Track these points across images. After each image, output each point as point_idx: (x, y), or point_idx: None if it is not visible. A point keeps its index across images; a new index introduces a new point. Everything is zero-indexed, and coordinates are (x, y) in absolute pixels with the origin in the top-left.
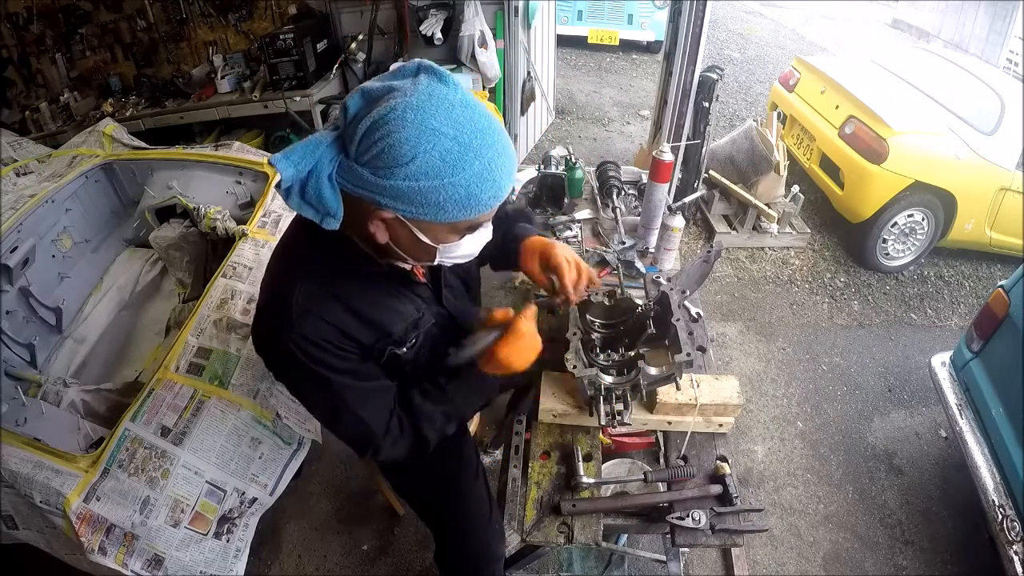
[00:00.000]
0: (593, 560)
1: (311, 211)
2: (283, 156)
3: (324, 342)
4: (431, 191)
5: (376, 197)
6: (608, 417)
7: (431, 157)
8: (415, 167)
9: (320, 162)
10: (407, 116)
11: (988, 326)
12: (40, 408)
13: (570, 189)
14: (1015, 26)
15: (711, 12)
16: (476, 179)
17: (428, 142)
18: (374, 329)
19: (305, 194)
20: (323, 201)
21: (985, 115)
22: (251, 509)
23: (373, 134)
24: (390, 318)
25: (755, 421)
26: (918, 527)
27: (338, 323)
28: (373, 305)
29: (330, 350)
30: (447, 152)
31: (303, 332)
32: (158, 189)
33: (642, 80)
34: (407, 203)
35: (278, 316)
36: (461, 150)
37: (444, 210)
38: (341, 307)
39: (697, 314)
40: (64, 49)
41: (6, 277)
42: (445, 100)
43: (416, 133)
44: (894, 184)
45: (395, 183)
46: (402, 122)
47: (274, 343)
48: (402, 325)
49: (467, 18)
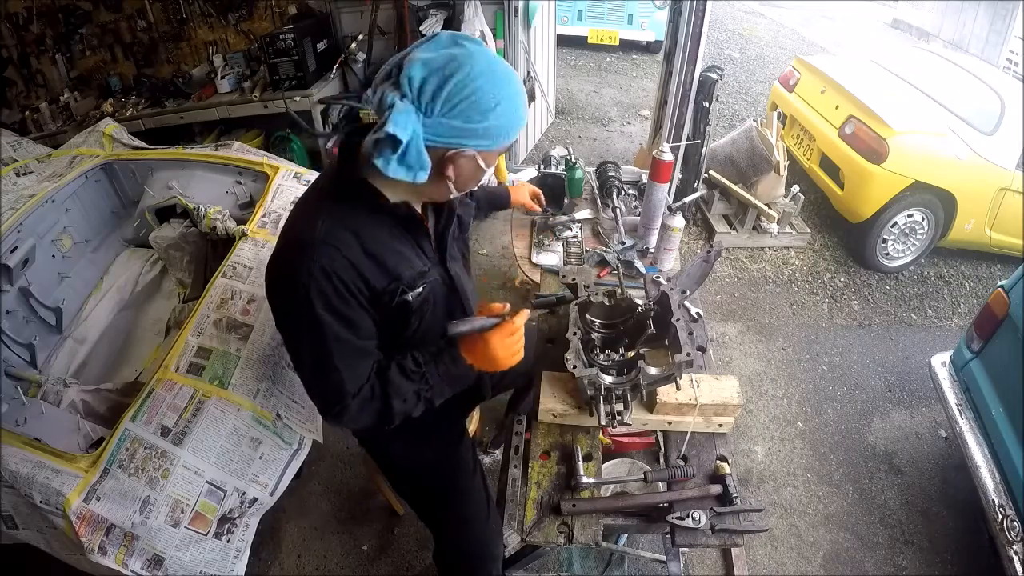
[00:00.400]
0: (593, 560)
1: (404, 171)
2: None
3: (336, 278)
4: (507, 125)
5: (464, 140)
6: (608, 417)
7: (506, 99)
8: (501, 110)
9: (416, 128)
10: (485, 75)
11: (988, 326)
12: (40, 408)
13: (570, 189)
14: (1015, 26)
15: (711, 12)
16: (521, 106)
17: (501, 90)
18: (385, 272)
19: (405, 158)
20: (421, 159)
21: (985, 115)
22: (251, 509)
23: (459, 93)
24: (400, 262)
25: (755, 421)
26: (918, 527)
27: (354, 260)
28: (387, 249)
29: (339, 289)
30: (511, 96)
31: (320, 262)
32: (158, 189)
33: (642, 80)
34: (490, 138)
35: (298, 247)
36: (515, 92)
37: (507, 135)
38: (358, 246)
39: (697, 314)
40: (64, 49)
41: (6, 277)
42: (492, 58)
43: (491, 84)
44: (894, 184)
45: (488, 124)
46: (483, 80)
47: (288, 276)
48: (410, 272)
49: (467, 18)
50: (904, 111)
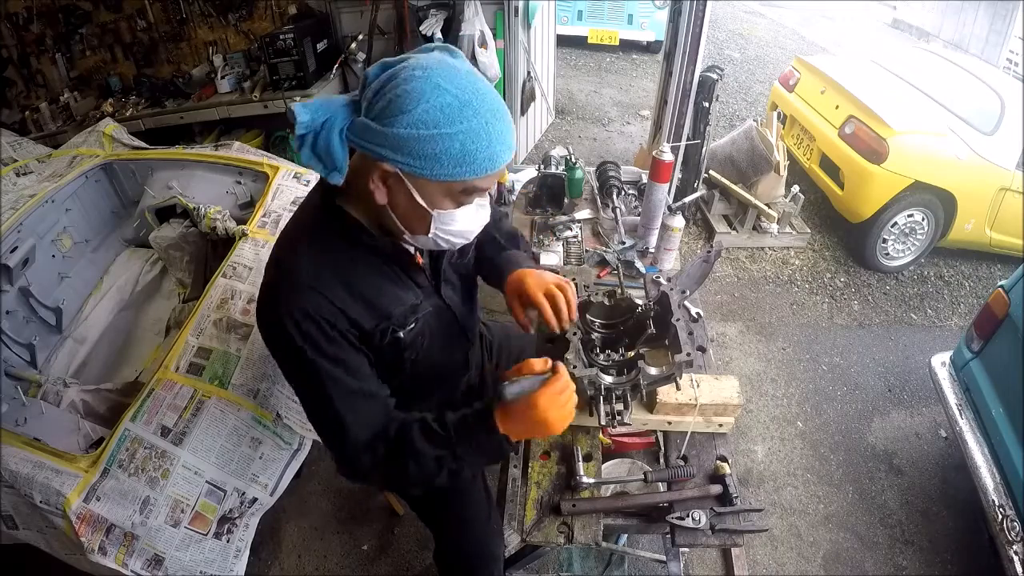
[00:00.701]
0: (593, 560)
1: (319, 165)
2: (302, 104)
3: (322, 320)
4: (428, 140)
5: (379, 149)
6: (608, 417)
7: (431, 107)
8: (416, 115)
9: (335, 116)
10: (416, 73)
11: (988, 326)
12: (40, 408)
13: (570, 189)
14: (1015, 26)
15: (711, 12)
16: (472, 135)
17: (431, 94)
18: (374, 312)
19: (316, 146)
20: (331, 153)
21: (985, 115)
22: (251, 509)
23: (384, 89)
24: (389, 301)
25: (755, 421)
26: (918, 527)
27: (340, 303)
28: (373, 288)
29: (325, 330)
30: (447, 105)
31: (302, 306)
32: (158, 189)
33: (642, 80)
34: (406, 153)
35: (280, 290)
36: (460, 106)
37: (439, 163)
38: (342, 287)
39: (697, 314)
40: (64, 49)
41: (6, 277)
42: (452, 66)
43: (421, 86)
44: (894, 184)
45: (397, 130)
46: (411, 77)
47: (273, 318)
48: (401, 309)
49: (467, 18)
50: (904, 111)
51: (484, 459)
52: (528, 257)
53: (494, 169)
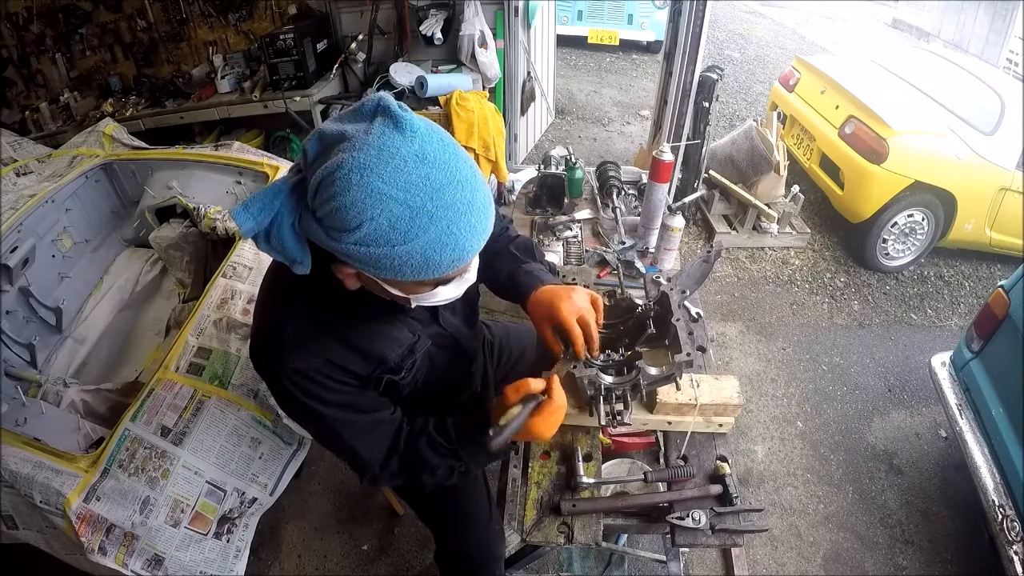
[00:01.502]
0: (593, 560)
1: (280, 256)
2: (242, 209)
3: (317, 375)
4: (383, 258)
5: (336, 254)
6: (608, 417)
7: (379, 224)
8: (362, 234)
9: (280, 213)
10: (352, 177)
11: (988, 326)
12: (40, 408)
13: (570, 189)
14: (1015, 26)
15: (711, 12)
16: (432, 245)
17: (375, 207)
18: (369, 359)
19: (271, 241)
20: (286, 251)
21: (985, 115)
22: (251, 509)
23: (323, 191)
24: (384, 346)
25: (755, 421)
26: (918, 527)
27: (331, 356)
28: (365, 334)
29: (323, 383)
30: (396, 219)
31: (294, 366)
32: (158, 189)
33: (642, 80)
34: (362, 264)
35: (269, 351)
36: (412, 215)
37: (402, 273)
38: (333, 340)
39: (697, 314)
40: (64, 49)
41: (6, 277)
42: (397, 155)
43: (362, 197)
44: (894, 184)
45: (346, 247)
46: (347, 183)
47: (269, 375)
48: (397, 351)
49: (467, 18)
50: (904, 111)
51: (487, 458)
52: (547, 270)
53: (464, 262)
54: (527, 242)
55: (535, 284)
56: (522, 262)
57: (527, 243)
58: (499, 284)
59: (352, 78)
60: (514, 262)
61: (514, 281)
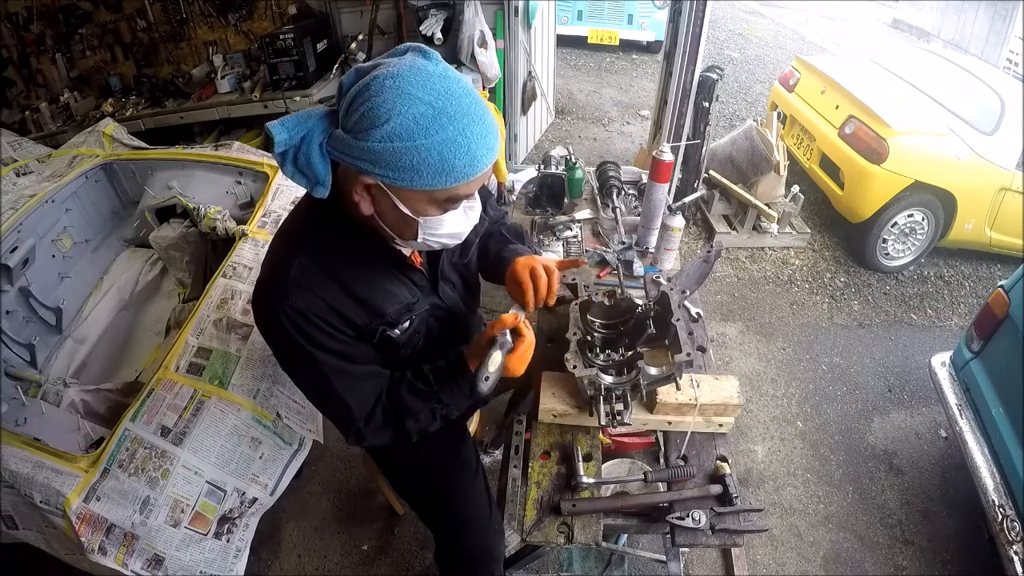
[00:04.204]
0: (593, 560)
1: (303, 179)
2: (278, 123)
3: (316, 318)
4: (404, 152)
5: (358, 162)
6: (608, 417)
7: (404, 119)
8: (389, 128)
9: (312, 131)
10: (386, 83)
11: (988, 326)
12: (40, 408)
13: (570, 189)
14: (1015, 26)
15: (711, 12)
16: (449, 144)
17: (403, 105)
18: (367, 310)
19: (297, 161)
20: (312, 168)
21: (985, 115)
22: (251, 509)
23: (356, 100)
24: (384, 299)
25: (755, 421)
26: (918, 527)
27: (332, 301)
28: (368, 285)
29: (322, 327)
30: (420, 115)
31: (296, 305)
32: (158, 189)
33: (642, 80)
34: (384, 166)
35: (274, 288)
36: (435, 114)
37: (419, 174)
38: (336, 286)
39: (697, 314)
40: (64, 49)
41: (6, 277)
42: (424, 71)
43: (393, 97)
44: (894, 184)
45: (371, 144)
46: (381, 88)
47: (269, 316)
48: (395, 307)
49: (467, 18)
50: (904, 111)
51: (466, 399)
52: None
53: (475, 175)
54: (518, 227)
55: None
56: (510, 243)
57: (518, 228)
58: (488, 263)
59: None
60: (503, 242)
61: (499, 258)
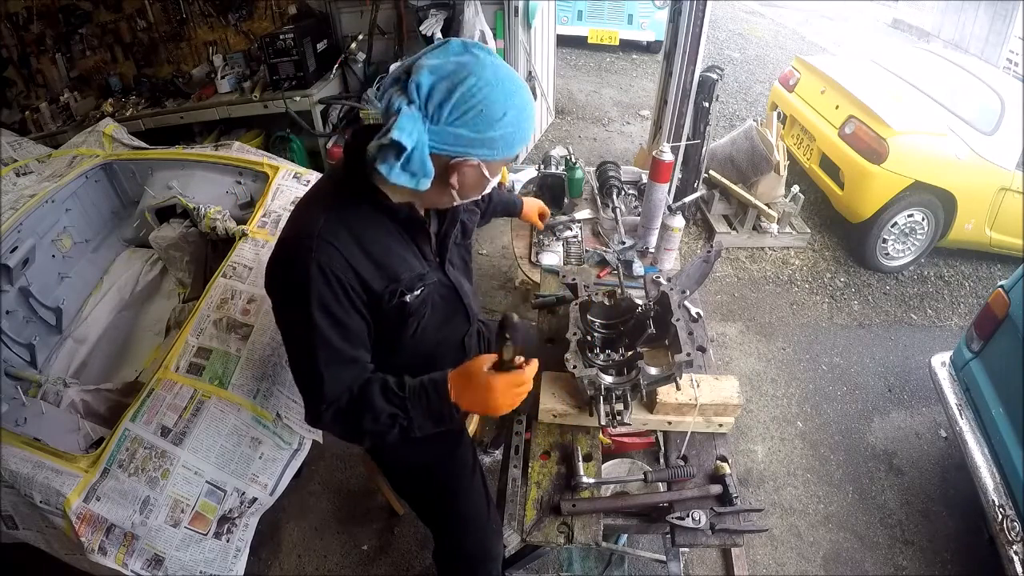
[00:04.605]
0: (593, 560)
1: (407, 177)
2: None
3: (334, 277)
4: (512, 135)
5: (470, 150)
6: (608, 417)
7: (512, 111)
8: (507, 120)
9: (421, 134)
10: (493, 85)
11: (988, 326)
12: (40, 408)
13: (570, 189)
14: (1015, 26)
15: (711, 12)
16: (528, 118)
17: (507, 101)
18: (384, 273)
19: (409, 164)
20: (425, 167)
21: (985, 115)
22: (251, 509)
23: (468, 101)
24: (399, 264)
25: (755, 421)
26: (918, 527)
27: (352, 260)
28: (384, 249)
29: (335, 290)
30: (517, 105)
31: (318, 259)
32: (158, 189)
33: (642, 80)
34: (495, 148)
35: (299, 242)
36: (523, 103)
37: (513, 147)
38: (355, 245)
39: (697, 314)
40: (64, 49)
41: (6, 277)
42: (502, 67)
43: (502, 96)
44: (894, 184)
45: (493, 134)
46: (491, 90)
47: (287, 271)
48: (409, 273)
49: (467, 18)
50: (904, 111)
51: (432, 423)
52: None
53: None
54: None
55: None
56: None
57: None
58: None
59: (352, 78)
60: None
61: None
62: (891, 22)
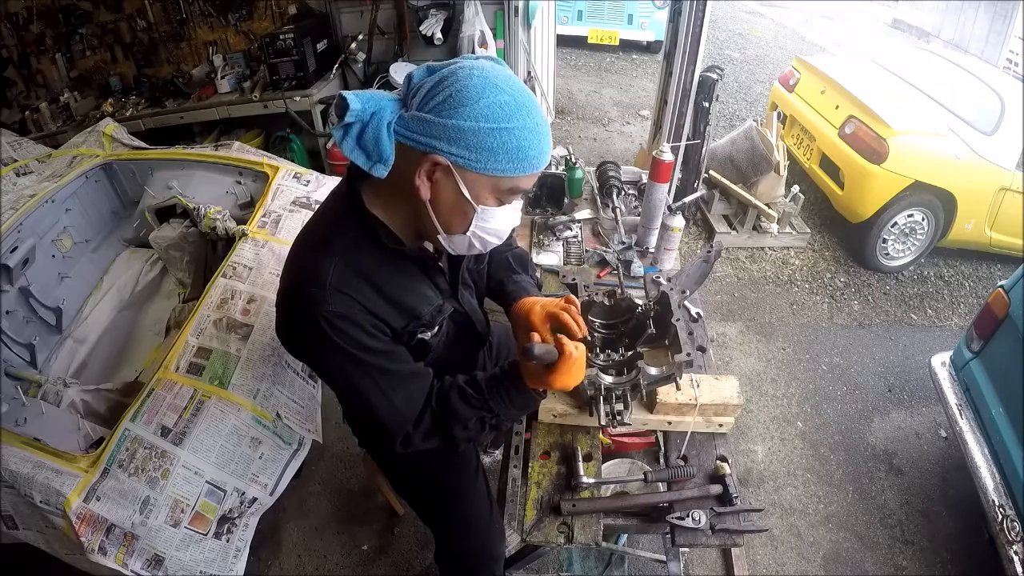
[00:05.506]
0: (593, 560)
1: (363, 157)
2: (353, 93)
3: (357, 321)
4: (488, 133)
5: (433, 141)
6: (608, 417)
7: (492, 103)
8: (478, 108)
9: (383, 109)
10: (474, 72)
11: (988, 326)
12: (40, 408)
13: (570, 189)
14: (1015, 26)
15: (711, 12)
16: (527, 132)
17: (491, 91)
18: (403, 312)
19: (362, 139)
20: (379, 145)
21: (985, 115)
22: (251, 509)
23: (440, 85)
24: (417, 300)
25: (755, 421)
26: (918, 527)
27: (369, 305)
28: (401, 288)
29: (364, 327)
30: (505, 103)
31: (336, 310)
32: (158, 189)
33: (642, 80)
34: (464, 146)
35: (309, 294)
36: (517, 105)
37: (496, 157)
38: (371, 289)
39: (697, 314)
40: (64, 49)
41: (6, 277)
42: (504, 71)
43: (481, 83)
44: (894, 184)
45: (457, 122)
46: (469, 76)
47: (306, 322)
48: (429, 308)
49: (467, 18)
50: (904, 111)
51: (517, 411)
52: (534, 284)
53: (540, 167)
54: (524, 255)
55: (520, 294)
56: (514, 272)
57: (523, 256)
58: (490, 287)
59: (352, 78)
60: (508, 271)
61: (503, 288)
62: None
